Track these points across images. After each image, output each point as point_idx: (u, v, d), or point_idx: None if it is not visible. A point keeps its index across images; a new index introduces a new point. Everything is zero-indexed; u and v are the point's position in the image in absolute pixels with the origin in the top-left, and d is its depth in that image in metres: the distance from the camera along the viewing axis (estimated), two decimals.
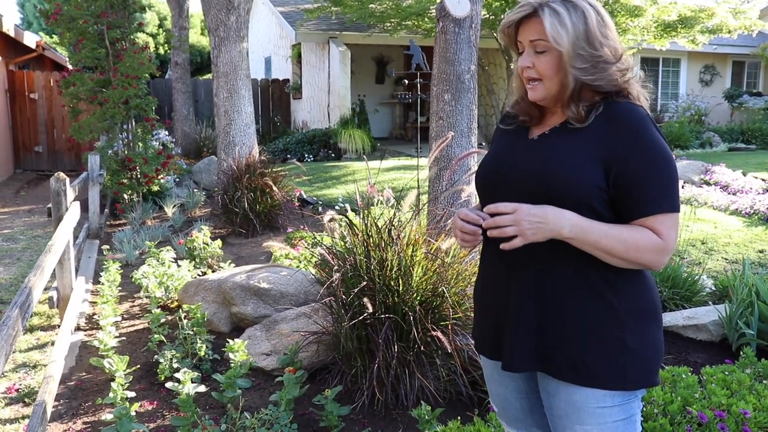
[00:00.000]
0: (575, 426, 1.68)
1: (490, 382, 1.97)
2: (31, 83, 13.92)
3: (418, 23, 13.27)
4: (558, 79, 1.66)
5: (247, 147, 8.05)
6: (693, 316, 4.25)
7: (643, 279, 1.69)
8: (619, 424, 1.67)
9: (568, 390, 1.67)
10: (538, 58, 1.67)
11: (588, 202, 1.60)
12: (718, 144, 14.73)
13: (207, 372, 3.84)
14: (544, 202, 1.61)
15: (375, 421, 3.25)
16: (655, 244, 1.58)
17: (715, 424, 2.78)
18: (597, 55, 1.62)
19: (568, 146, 1.66)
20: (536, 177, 1.66)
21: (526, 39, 1.69)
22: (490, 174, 1.81)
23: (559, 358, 1.66)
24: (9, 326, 2.32)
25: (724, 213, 7.50)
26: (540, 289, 1.67)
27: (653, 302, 1.70)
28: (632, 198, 1.60)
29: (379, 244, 3.36)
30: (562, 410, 1.70)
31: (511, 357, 1.72)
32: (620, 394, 1.66)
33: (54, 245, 3.66)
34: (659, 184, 1.59)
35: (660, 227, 1.59)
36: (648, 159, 1.59)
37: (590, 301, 1.64)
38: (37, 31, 25.01)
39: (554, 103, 1.72)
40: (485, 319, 1.86)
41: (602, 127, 1.63)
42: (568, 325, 1.65)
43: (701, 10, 12.86)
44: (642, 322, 1.67)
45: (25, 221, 8.98)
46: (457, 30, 4.54)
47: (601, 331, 1.64)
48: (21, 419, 3.44)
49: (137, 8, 9.26)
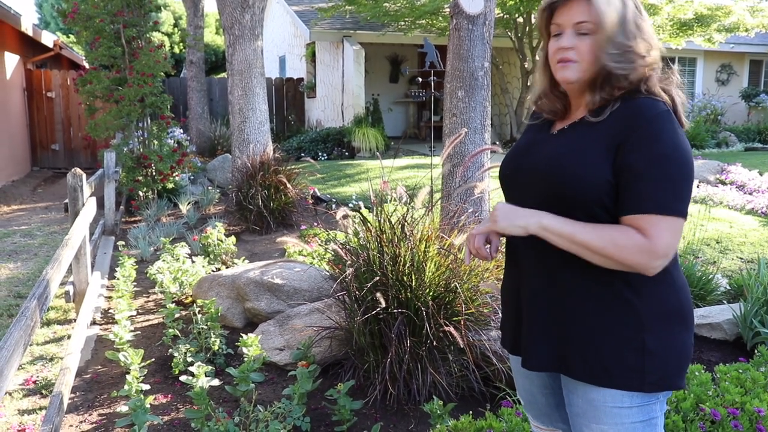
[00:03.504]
0: (592, 425, 1.66)
1: (517, 375, 1.97)
2: (49, 82, 14.05)
3: (431, 22, 13.26)
4: (595, 63, 1.62)
5: (262, 144, 8.09)
6: (707, 314, 4.22)
7: (670, 280, 1.63)
8: (637, 426, 1.63)
9: (586, 388, 1.65)
10: (581, 40, 1.63)
11: (599, 199, 1.57)
12: (735, 144, 14.61)
13: (221, 366, 3.87)
14: (557, 199, 1.61)
15: (387, 415, 3.27)
16: (638, 243, 1.50)
17: (729, 422, 2.77)
18: (628, 45, 1.61)
19: (582, 141, 1.64)
20: (550, 172, 1.65)
21: (569, 20, 1.65)
22: (511, 169, 1.81)
23: (575, 358, 1.64)
24: (27, 317, 2.35)
25: (740, 212, 7.45)
26: (552, 289, 1.67)
27: (680, 304, 1.64)
28: (627, 193, 1.54)
29: (393, 239, 3.38)
30: (580, 408, 1.69)
31: (529, 356, 1.73)
32: (639, 396, 1.61)
33: (71, 239, 3.70)
34: (660, 181, 1.51)
35: (650, 228, 1.50)
36: (653, 153, 1.52)
37: (607, 301, 1.61)
38: (54, 30, 25.25)
39: (581, 89, 1.69)
40: (506, 314, 1.89)
41: (618, 122, 1.60)
42: (584, 325, 1.63)
43: (718, 8, 12.72)
44: (667, 323, 1.62)
45: (42, 218, 9.07)
46: (470, 27, 4.54)
47: (619, 331, 1.60)
48: (38, 410, 3.49)
49: (153, 7, 9.33)
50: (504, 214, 1.66)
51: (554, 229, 1.58)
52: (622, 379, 1.60)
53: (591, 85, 1.66)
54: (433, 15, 12.79)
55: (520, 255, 1.76)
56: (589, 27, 1.62)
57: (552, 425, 1.96)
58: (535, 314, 1.71)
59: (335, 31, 14.14)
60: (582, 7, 1.62)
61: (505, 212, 1.66)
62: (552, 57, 1.70)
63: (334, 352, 3.71)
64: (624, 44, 1.60)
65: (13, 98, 12.80)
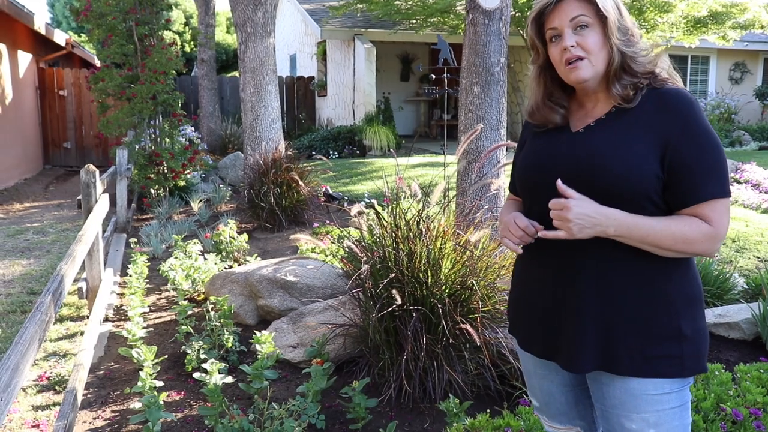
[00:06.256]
0: (632, 414, 1.65)
1: (531, 377, 1.93)
2: (61, 80, 14.11)
3: (443, 20, 13.20)
4: (604, 53, 1.64)
5: (274, 142, 8.07)
6: (725, 313, 4.17)
7: (692, 267, 1.68)
8: (675, 411, 1.65)
9: (625, 379, 1.64)
10: (581, 35, 1.64)
11: (647, 194, 1.58)
12: (749, 142, 14.49)
13: (234, 363, 3.85)
14: (596, 197, 1.58)
15: (402, 413, 3.24)
16: (706, 232, 1.56)
17: (751, 422, 2.72)
18: (628, 28, 1.65)
19: (621, 137, 1.62)
20: (588, 171, 1.62)
21: (564, 20, 1.65)
22: (534, 171, 1.76)
23: (620, 352, 1.62)
24: (42, 312, 2.33)
25: (756, 211, 7.37)
26: (601, 284, 1.64)
27: (699, 288, 1.69)
28: (684, 184, 1.57)
29: (408, 236, 3.34)
30: (617, 399, 1.66)
31: (575, 357, 1.67)
32: (678, 381, 1.64)
33: (84, 235, 3.69)
34: (711, 169, 1.57)
35: (711, 214, 1.56)
36: (700, 144, 1.57)
37: (647, 292, 1.62)
38: (66, 29, 25.38)
39: (596, 84, 1.68)
40: (532, 318, 1.80)
41: (654, 115, 1.60)
42: (628, 318, 1.62)
43: (733, 5, 12.59)
44: (693, 309, 1.65)
45: (55, 215, 9.10)
46: (487, 22, 4.50)
47: (657, 320, 1.62)
48: (52, 406, 3.48)
49: (165, 5, 9.33)
50: (579, 224, 1.55)
51: (628, 234, 1.57)
52: (663, 367, 1.62)
53: (606, 77, 1.66)
54: (445, 13, 12.73)
55: (557, 255, 1.69)
56: (586, 20, 1.63)
57: (569, 423, 1.93)
58: (579, 315, 1.66)
59: (346, 30, 14.12)
60: (572, 4, 1.64)
61: (580, 221, 1.55)
62: (558, 62, 1.69)
63: (348, 349, 3.68)
64: (626, 27, 1.65)
65: (26, 97, 12.85)
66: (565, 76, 1.69)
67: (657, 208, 1.60)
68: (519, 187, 1.85)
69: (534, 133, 1.84)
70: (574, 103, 1.78)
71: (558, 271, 1.70)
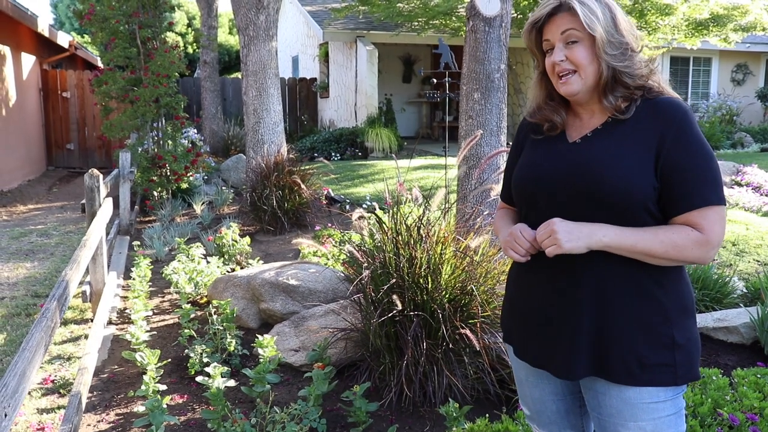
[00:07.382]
0: (629, 423, 1.67)
1: (523, 385, 1.95)
2: (64, 82, 14.17)
3: (445, 22, 13.24)
4: (594, 67, 1.67)
5: (276, 145, 8.11)
6: (723, 318, 4.19)
7: (685, 276, 1.71)
8: (671, 418, 1.68)
9: (621, 388, 1.67)
10: (571, 50, 1.68)
11: (645, 204, 1.61)
12: (750, 144, 14.48)
13: (236, 367, 3.89)
14: (595, 207, 1.62)
15: (402, 417, 3.27)
16: (695, 239, 1.58)
17: (747, 427, 2.75)
18: (625, 42, 1.66)
19: (618, 148, 1.65)
20: (587, 182, 1.65)
21: (555, 33, 1.69)
22: (532, 183, 1.78)
23: (614, 360, 1.65)
24: (48, 318, 2.37)
25: (756, 214, 7.37)
26: (597, 293, 1.66)
27: (691, 297, 1.72)
28: (676, 191, 1.60)
29: (409, 241, 3.38)
30: (613, 408, 1.69)
31: (569, 365, 1.70)
32: (671, 389, 1.67)
33: (88, 240, 3.73)
34: (703, 177, 1.59)
35: (702, 221, 1.58)
36: (693, 152, 1.60)
37: (642, 302, 1.65)
38: (69, 31, 25.43)
39: (589, 96, 1.72)
40: (527, 327, 1.82)
41: (649, 124, 1.64)
42: (624, 327, 1.65)
43: (734, 7, 12.60)
44: (685, 317, 1.68)
45: (58, 217, 9.15)
46: (487, 29, 4.53)
47: (651, 328, 1.64)
48: (57, 409, 3.52)
49: (168, 8, 9.38)
50: (567, 235, 1.61)
51: (616, 244, 1.60)
52: (658, 376, 1.65)
53: (599, 90, 1.69)
54: (447, 15, 12.77)
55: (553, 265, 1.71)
56: (576, 34, 1.67)
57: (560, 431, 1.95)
58: (574, 323, 1.69)
59: (348, 32, 14.16)
60: (565, 18, 1.68)
61: (568, 233, 1.61)
62: (551, 74, 1.74)
63: (349, 353, 3.72)
64: (621, 41, 1.66)
65: (30, 98, 12.91)
66: (558, 88, 1.74)
67: (654, 219, 1.63)
68: (515, 196, 1.86)
69: (532, 141, 1.86)
70: (571, 114, 1.81)
71: (553, 280, 1.73)
